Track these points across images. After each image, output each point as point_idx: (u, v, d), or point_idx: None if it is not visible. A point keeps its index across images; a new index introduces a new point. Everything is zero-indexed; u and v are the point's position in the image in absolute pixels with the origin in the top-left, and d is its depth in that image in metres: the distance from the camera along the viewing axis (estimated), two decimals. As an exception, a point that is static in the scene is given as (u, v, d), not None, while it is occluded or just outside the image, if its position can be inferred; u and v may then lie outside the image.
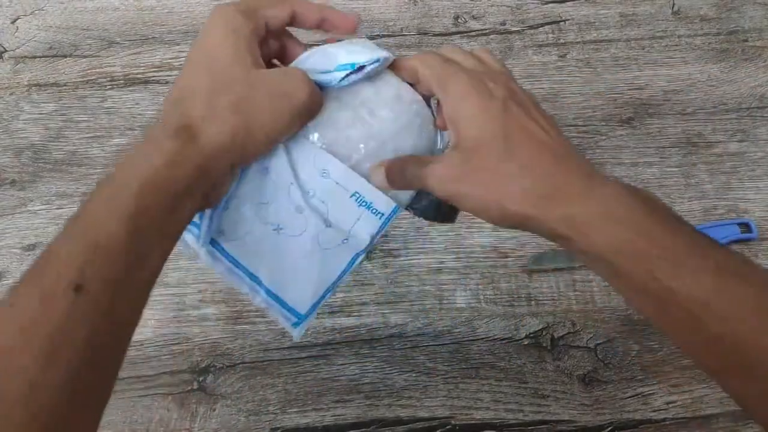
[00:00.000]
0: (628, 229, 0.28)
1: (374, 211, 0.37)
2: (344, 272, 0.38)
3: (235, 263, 0.37)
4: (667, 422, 0.51)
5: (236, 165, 0.32)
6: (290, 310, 0.38)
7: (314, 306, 0.38)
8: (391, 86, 0.36)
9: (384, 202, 0.36)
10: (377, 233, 0.37)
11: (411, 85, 0.36)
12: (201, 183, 0.29)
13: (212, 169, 0.30)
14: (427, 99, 0.37)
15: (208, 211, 0.34)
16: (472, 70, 0.34)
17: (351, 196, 0.36)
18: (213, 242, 0.36)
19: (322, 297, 0.38)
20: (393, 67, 0.36)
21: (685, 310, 0.27)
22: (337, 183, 0.35)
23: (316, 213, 0.36)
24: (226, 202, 0.35)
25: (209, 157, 0.29)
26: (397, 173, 0.34)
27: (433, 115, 0.37)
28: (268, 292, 0.37)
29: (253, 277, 0.37)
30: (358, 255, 0.38)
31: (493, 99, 0.32)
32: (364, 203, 0.36)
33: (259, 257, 0.37)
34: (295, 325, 0.38)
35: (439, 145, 0.38)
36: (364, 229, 0.37)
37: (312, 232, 0.36)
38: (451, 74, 0.33)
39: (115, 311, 0.26)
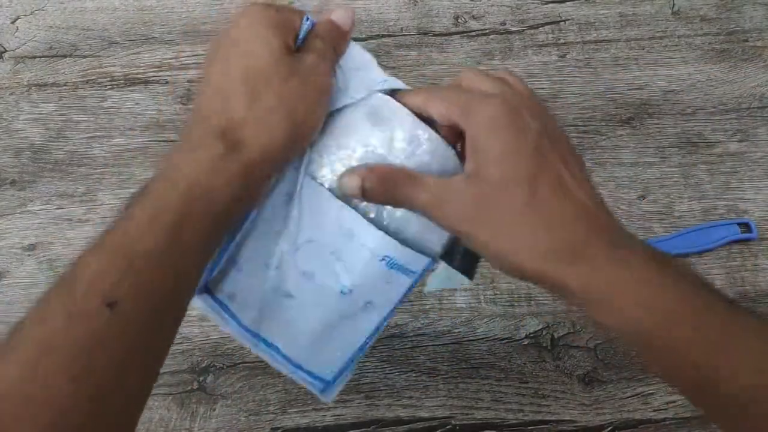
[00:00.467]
0: (654, 304, 0.25)
1: (406, 271, 0.33)
2: (372, 336, 0.35)
3: (247, 329, 0.34)
4: (667, 422, 0.51)
5: (277, 168, 0.30)
6: (314, 377, 0.35)
7: (342, 371, 0.35)
8: (404, 127, 0.31)
9: (418, 261, 0.32)
10: (408, 292, 0.34)
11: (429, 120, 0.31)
12: (245, 192, 0.28)
13: (255, 175, 0.28)
14: (450, 134, 0.31)
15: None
16: (500, 95, 0.29)
17: (381, 260, 0.32)
18: (220, 303, 0.33)
19: (351, 361, 0.35)
20: (403, 101, 0.31)
21: (723, 395, 0.24)
22: (363, 245, 0.31)
23: (334, 277, 0.32)
24: (235, 261, 0.32)
25: (252, 163, 0.27)
26: (384, 190, 0.30)
27: (457, 154, 0.32)
28: (287, 359, 0.34)
29: (270, 345, 0.34)
30: (385, 319, 0.34)
31: (526, 134, 0.28)
32: (395, 266, 0.32)
33: (274, 325, 0.34)
34: (323, 391, 0.35)
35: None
36: (394, 290, 0.33)
37: (332, 302, 0.33)
38: (477, 100, 0.29)
39: (150, 331, 0.24)
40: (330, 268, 0.32)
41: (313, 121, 0.30)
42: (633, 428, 0.51)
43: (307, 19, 0.30)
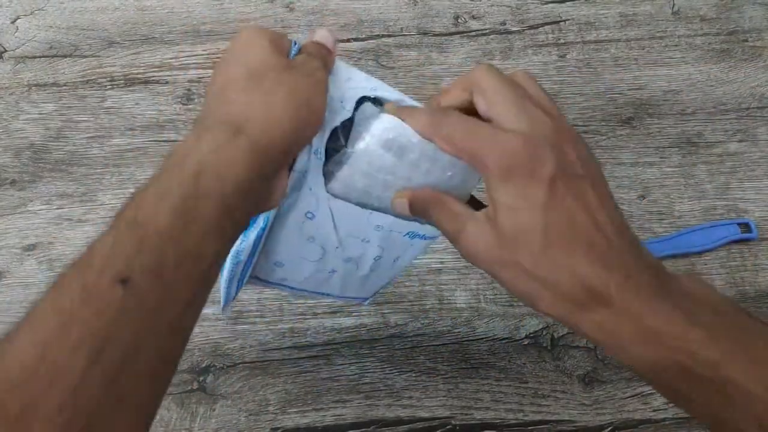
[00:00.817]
0: (662, 345, 0.25)
1: (424, 237, 0.39)
2: (401, 272, 0.44)
3: (303, 290, 0.42)
4: (667, 422, 0.51)
5: (286, 155, 0.30)
6: (357, 298, 0.46)
7: (377, 292, 0.46)
8: (418, 149, 0.31)
9: (434, 230, 0.38)
10: (428, 246, 0.41)
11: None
12: (255, 175, 0.28)
13: (263, 158, 0.28)
14: None
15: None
16: (516, 131, 0.28)
17: (404, 235, 0.38)
18: (276, 284, 0.41)
19: (386, 284, 0.45)
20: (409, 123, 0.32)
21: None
22: (391, 231, 0.37)
23: (369, 254, 0.39)
24: (278, 262, 0.38)
25: (258, 145, 0.28)
26: (421, 210, 0.32)
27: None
28: (337, 296, 0.44)
29: (323, 293, 0.43)
30: (411, 261, 0.42)
31: (535, 181, 0.27)
32: (416, 236, 0.39)
33: (324, 286, 0.42)
34: (364, 301, 0.46)
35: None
36: (416, 248, 0.40)
37: (366, 268, 0.40)
38: (489, 143, 0.28)
39: (164, 309, 0.24)
40: (364, 249, 0.38)
41: (314, 106, 0.30)
42: (633, 428, 0.51)
43: (295, 43, 0.33)
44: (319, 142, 0.33)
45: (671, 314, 0.26)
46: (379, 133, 0.31)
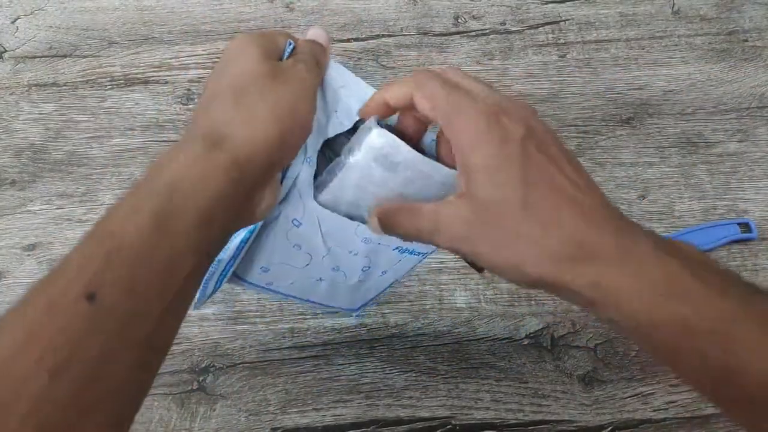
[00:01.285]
0: (668, 298, 0.24)
1: (415, 253, 0.39)
2: (389, 286, 0.44)
3: (288, 295, 0.42)
4: (667, 422, 0.51)
5: (270, 167, 0.30)
6: (344, 309, 0.46)
7: (364, 305, 0.46)
8: (414, 167, 0.31)
9: (425, 247, 0.38)
10: (418, 264, 0.41)
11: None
12: (233, 189, 0.27)
13: (243, 171, 0.28)
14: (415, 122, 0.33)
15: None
16: (482, 100, 0.28)
17: (393, 249, 0.38)
18: (262, 288, 0.40)
19: (372, 299, 0.45)
20: (383, 89, 0.32)
21: (748, 394, 0.23)
22: (379, 243, 0.37)
23: (356, 264, 0.39)
24: (264, 267, 0.38)
25: (237, 158, 0.27)
26: (393, 223, 0.31)
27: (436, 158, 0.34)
28: (322, 305, 0.44)
29: (307, 301, 0.43)
30: (399, 279, 0.43)
31: (509, 142, 0.27)
32: (405, 251, 0.39)
33: (310, 294, 0.42)
34: (352, 312, 0.47)
35: None
36: (405, 265, 0.40)
37: (355, 278, 0.41)
38: (457, 109, 0.28)
39: (136, 324, 0.24)
40: (352, 260, 0.39)
41: (299, 114, 0.30)
42: (633, 428, 0.51)
43: (290, 44, 0.33)
44: (312, 149, 0.33)
45: (674, 267, 0.25)
46: (373, 147, 0.31)
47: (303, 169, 0.33)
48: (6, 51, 0.68)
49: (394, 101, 0.31)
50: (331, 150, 0.35)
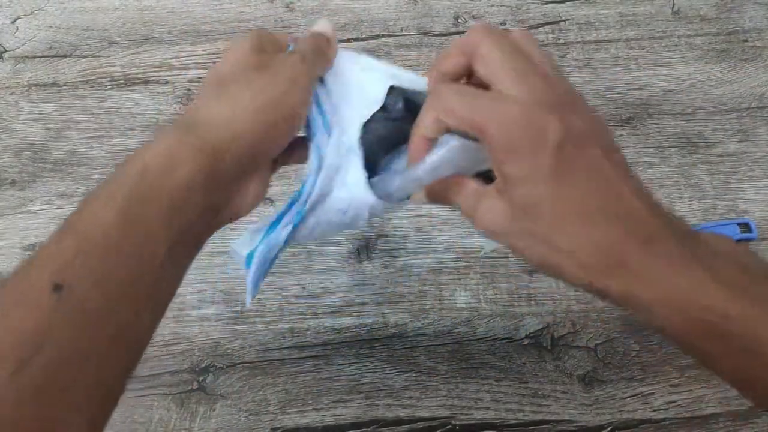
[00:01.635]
0: (691, 306, 0.25)
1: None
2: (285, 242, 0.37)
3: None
4: (667, 422, 0.51)
5: (252, 159, 0.29)
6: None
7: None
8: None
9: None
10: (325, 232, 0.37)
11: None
12: (206, 174, 0.27)
13: (219, 158, 0.27)
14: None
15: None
16: (517, 98, 0.26)
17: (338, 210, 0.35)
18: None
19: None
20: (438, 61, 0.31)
21: None
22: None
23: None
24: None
25: (212, 146, 0.27)
26: (442, 196, 0.31)
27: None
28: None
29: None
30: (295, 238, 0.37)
31: (543, 149, 0.25)
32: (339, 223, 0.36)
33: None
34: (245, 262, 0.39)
35: None
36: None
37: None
38: (490, 111, 0.26)
39: (107, 316, 0.23)
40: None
41: (284, 105, 0.29)
42: (633, 428, 0.51)
43: (289, 47, 0.33)
44: (352, 136, 0.32)
45: (697, 275, 0.25)
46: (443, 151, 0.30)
47: (344, 158, 0.32)
48: (6, 51, 0.68)
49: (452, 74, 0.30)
50: (369, 131, 0.34)
